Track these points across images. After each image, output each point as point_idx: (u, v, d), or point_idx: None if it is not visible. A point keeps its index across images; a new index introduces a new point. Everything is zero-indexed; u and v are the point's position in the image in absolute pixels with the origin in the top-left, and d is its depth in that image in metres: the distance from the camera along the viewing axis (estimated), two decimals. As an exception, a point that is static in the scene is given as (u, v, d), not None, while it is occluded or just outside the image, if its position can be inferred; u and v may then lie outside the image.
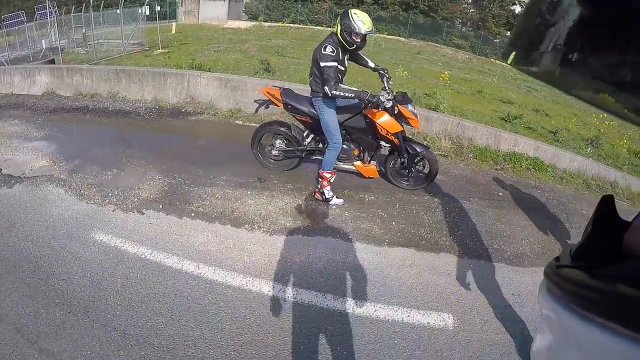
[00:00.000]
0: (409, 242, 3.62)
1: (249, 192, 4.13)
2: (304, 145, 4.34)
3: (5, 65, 9.53)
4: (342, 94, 3.55)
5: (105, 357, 2.24)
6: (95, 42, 11.56)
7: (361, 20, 3.54)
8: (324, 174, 3.96)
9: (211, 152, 5.06)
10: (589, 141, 7.78)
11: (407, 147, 4.19)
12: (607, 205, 0.48)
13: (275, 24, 22.66)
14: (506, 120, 8.21)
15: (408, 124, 4.08)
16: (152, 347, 2.31)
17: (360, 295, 2.87)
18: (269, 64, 8.71)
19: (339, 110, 3.97)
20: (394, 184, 4.56)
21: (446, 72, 8.22)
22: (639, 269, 0.36)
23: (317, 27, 22.53)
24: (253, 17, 24.33)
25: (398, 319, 2.73)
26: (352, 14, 3.58)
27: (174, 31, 16.69)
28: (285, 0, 24.86)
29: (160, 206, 3.79)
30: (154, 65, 8.87)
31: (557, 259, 0.50)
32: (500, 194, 4.97)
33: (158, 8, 12.58)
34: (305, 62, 8.82)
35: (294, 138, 4.32)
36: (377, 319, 2.70)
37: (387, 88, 3.91)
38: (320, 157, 4.32)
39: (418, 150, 4.23)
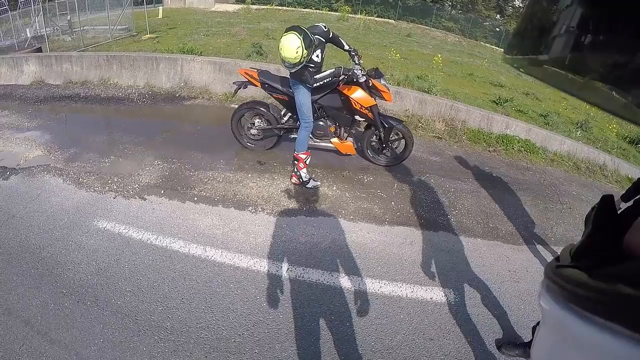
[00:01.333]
0: (409, 222, 3.70)
1: (249, 175, 4.15)
2: (281, 124, 4.41)
3: (-11, 55, 9.19)
4: (321, 83, 3.76)
5: (119, 344, 2.27)
6: (81, 28, 11.18)
7: (281, 49, 3.53)
8: (299, 155, 4.01)
9: (209, 136, 5.03)
10: (578, 124, 7.92)
11: (382, 122, 4.27)
12: (607, 205, 0.47)
13: (264, 7, 22.24)
14: (497, 104, 8.29)
15: (382, 97, 4.16)
16: (166, 330, 2.36)
17: (366, 273, 2.94)
18: (260, 47, 8.60)
19: (315, 89, 4.01)
20: (371, 161, 4.62)
21: (439, 55, 8.20)
22: (639, 269, 0.36)
23: (306, 10, 22.24)
24: (240, 0, 23.89)
25: (402, 294, 2.83)
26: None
27: (160, 15, 16.31)
28: (273, -18, 24.47)
29: (162, 191, 3.78)
30: (143, 50, 8.69)
31: (557, 259, 0.50)
32: (493, 174, 5.06)
33: (144, -8, 12.32)
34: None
35: (272, 117, 4.40)
36: (383, 295, 2.78)
37: (359, 65, 3.98)
38: (297, 136, 4.40)
39: (393, 124, 4.32)
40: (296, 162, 4.04)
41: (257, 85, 4.32)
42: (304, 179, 4.01)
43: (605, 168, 6.19)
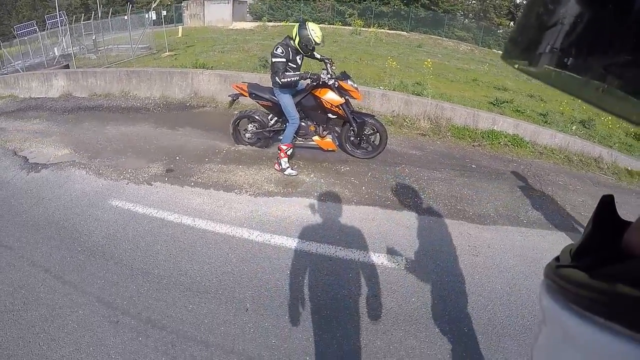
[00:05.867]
0: (375, 202, 4.17)
1: (240, 166, 4.80)
2: (270, 127, 5.08)
3: (20, 72, 10.22)
4: (288, 79, 4.33)
5: (116, 284, 2.91)
6: (105, 47, 12.26)
7: (316, 35, 4.34)
8: (282, 146, 4.67)
9: (211, 136, 5.72)
10: (580, 122, 7.92)
11: (354, 117, 4.83)
12: (607, 204, 0.47)
13: (279, 24, 23.27)
14: (495, 105, 8.44)
15: (351, 96, 4.74)
16: (152, 275, 2.98)
17: (323, 240, 3.45)
18: (267, 60, 9.32)
19: (295, 93, 4.69)
20: (351, 154, 5.17)
21: (429, 60, 8.63)
22: (639, 269, 0.35)
23: (320, 25, 23.04)
24: (257, 18, 25.06)
25: (355, 258, 3.26)
26: (310, 29, 4.33)
27: (180, 34, 17.45)
28: (288, 0, 25.55)
29: (166, 179, 4.49)
30: (161, 66, 9.57)
31: (557, 258, 0.48)
32: (473, 166, 5.36)
33: (164, 12, 13.24)
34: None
35: (262, 122, 5.10)
36: (336, 258, 3.24)
37: (328, 70, 4.58)
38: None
39: (365, 119, 4.89)
40: (279, 152, 4.67)
41: (246, 96, 5.02)
42: (283, 167, 4.63)
43: (601, 160, 6.22)
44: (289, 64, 4.39)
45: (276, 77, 4.35)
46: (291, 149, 4.74)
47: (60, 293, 2.80)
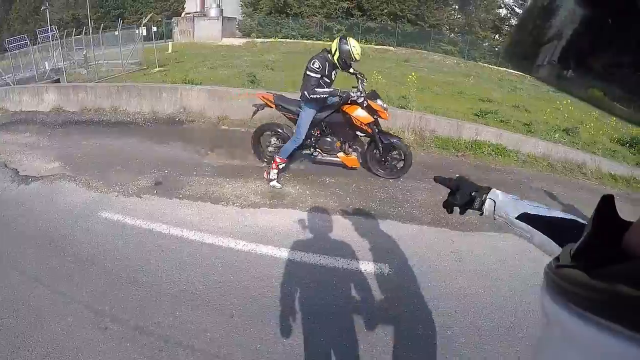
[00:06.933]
0: (359, 212, 4.29)
1: (228, 179, 4.90)
2: None
3: (11, 85, 10.19)
4: (318, 96, 4.35)
5: (104, 293, 2.95)
6: (95, 62, 12.31)
7: (357, 52, 4.38)
8: (277, 158, 4.70)
9: (199, 151, 5.84)
10: (564, 130, 8.12)
11: (381, 138, 4.86)
12: (607, 205, 0.47)
13: (268, 40, 23.55)
14: (479, 116, 8.58)
15: (379, 116, 4.77)
16: (141, 283, 3.04)
17: (308, 248, 3.54)
18: (254, 77, 9.52)
19: (323, 108, 4.68)
20: (374, 172, 5.18)
21: (413, 74, 8.84)
22: (639, 269, 0.36)
23: (309, 41, 23.36)
24: (246, 34, 25.32)
25: (338, 266, 3.34)
26: (351, 45, 4.36)
27: (170, 50, 17.53)
28: (277, 17, 25.91)
29: (155, 191, 4.56)
30: (151, 82, 9.68)
31: (557, 258, 0.49)
32: (456, 175, 5.48)
33: (155, 29, 13.34)
34: (292, 74, 9.63)
35: (286, 135, 5.03)
36: (321, 266, 3.32)
37: (359, 87, 4.62)
38: (308, 152, 5.05)
39: (392, 140, 4.93)
40: (272, 163, 4.74)
41: (272, 107, 4.97)
42: (271, 177, 4.70)
43: (585, 166, 6.39)
44: (324, 78, 4.38)
45: (305, 91, 4.33)
46: (284, 164, 4.81)
47: (49, 300, 2.85)
